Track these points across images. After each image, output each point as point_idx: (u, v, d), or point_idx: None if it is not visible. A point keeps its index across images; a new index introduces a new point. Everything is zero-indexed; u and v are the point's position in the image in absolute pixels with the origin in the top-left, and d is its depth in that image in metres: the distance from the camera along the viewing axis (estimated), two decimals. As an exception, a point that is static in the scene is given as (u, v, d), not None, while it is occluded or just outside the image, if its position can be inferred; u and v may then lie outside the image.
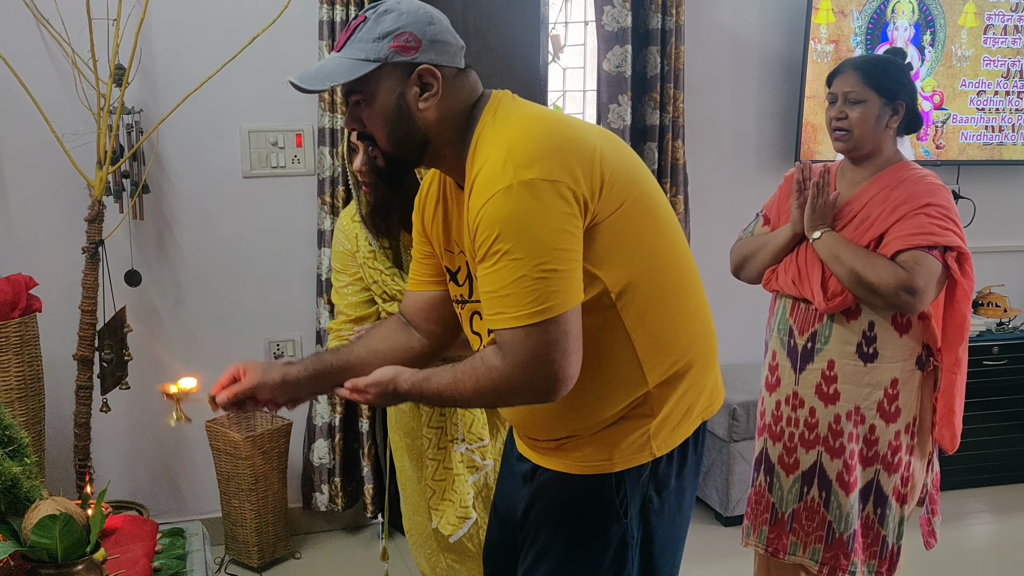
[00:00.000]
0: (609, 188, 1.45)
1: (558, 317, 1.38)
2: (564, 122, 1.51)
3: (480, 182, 1.42)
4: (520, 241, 1.37)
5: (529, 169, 1.38)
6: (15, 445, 1.72)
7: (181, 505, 3.47)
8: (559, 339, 1.39)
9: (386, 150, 1.53)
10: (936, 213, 2.23)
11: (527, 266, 1.37)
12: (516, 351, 1.40)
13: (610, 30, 3.55)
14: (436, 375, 1.50)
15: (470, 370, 1.46)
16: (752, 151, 4.01)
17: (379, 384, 1.52)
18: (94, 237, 3.00)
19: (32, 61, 3.05)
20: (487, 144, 1.46)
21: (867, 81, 2.31)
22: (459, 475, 2.14)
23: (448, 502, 2.15)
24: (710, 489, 3.71)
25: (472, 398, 1.48)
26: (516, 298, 1.38)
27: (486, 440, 2.12)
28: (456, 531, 2.13)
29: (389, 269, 2.13)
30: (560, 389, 1.42)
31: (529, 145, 1.41)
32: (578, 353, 1.42)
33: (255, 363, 1.64)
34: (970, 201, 4.15)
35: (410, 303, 1.79)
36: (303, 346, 3.52)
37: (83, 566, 1.53)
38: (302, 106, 3.29)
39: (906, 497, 2.37)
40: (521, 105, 1.54)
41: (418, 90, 1.48)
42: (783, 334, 2.43)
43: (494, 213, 1.38)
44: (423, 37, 1.47)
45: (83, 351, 3.02)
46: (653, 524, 1.62)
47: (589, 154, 1.44)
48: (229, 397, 1.61)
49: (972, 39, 4.03)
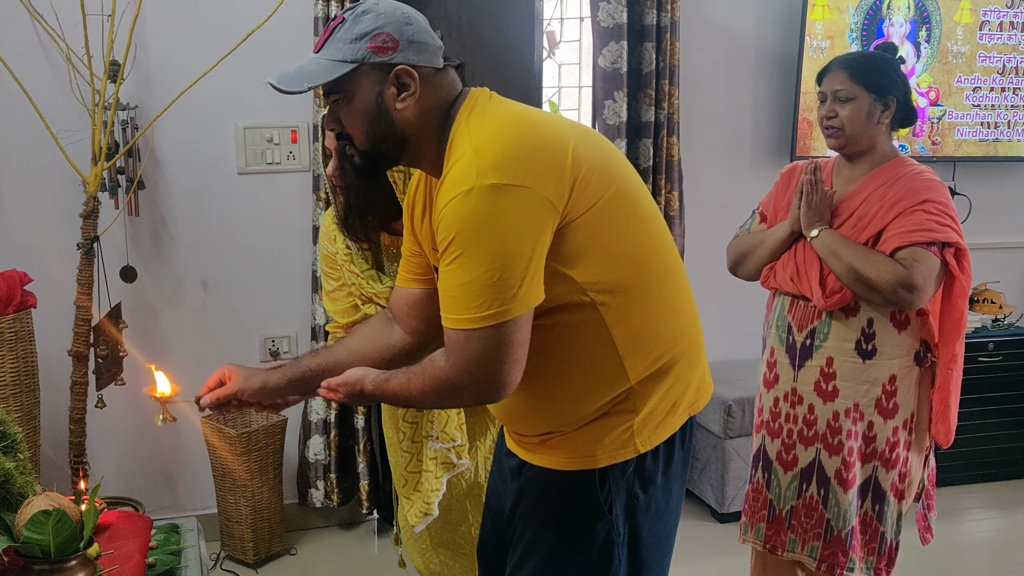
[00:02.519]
0: (582, 188, 1.45)
1: (501, 324, 1.40)
2: (537, 122, 1.51)
3: (447, 181, 1.44)
4: (475, 245, 1.38)
5: (493, 172, 1.39)
6: (9, 441, 1.72)
7: (176, 501, 3.47)
8: (499, 346, 1.41)
9: (364, 148, 1.54)
10: (934, 209, 2.23)
11: (478, 270, 1.38)
12: (458, 353, 1.43)
13: (605, 26, 3.55)
14: (394, 376, 1.54)
15: (420, 371, 1.50)
16: (747, 147, 4.01)
17: (347, 384, 1.58)
18: (89, 233, 3.00)
19: (26, 57, 3.05)
20: (459, 144, 1.47)
21: (855, 78, 2.31)
22: (428, 471, 2.15)
23: (418, 493, 2.18)
24: (705, 486, 3.71)
25: (421, 398, 1.52)
26: (464, 300, 1.40)
27: (459, 440, 2.13)
28: (419, 524, 2.17)
29: (365, 272, 2.12)
30: (499, 394, 1.46)
31: (495, 147, 1.42)
32: (520, 361, 1.45)
33: (240, 368, 1.71)
34: (966, 198, 4.15)
35: (396, 299, 1.80)
36: (298, 342, 3.51)
37: (76, 562, 1.53)
38: (297, 103, 3.28)
39: (904, 493, 2.37)
40: (496, 104, 1.54)
41: (395, 90, 1.49)
42: (781, 331, 2.43)
43: (453, 214, 1.39)
44: (400, 37, 1.48)
45: (78, 347, 3.02)
46: (640, 521, 1.62)
47: (559, 156, 1.44)
48: (212, 400, 1.69)
49: (968, 35, 4.03)
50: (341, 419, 3.48)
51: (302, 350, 3.52)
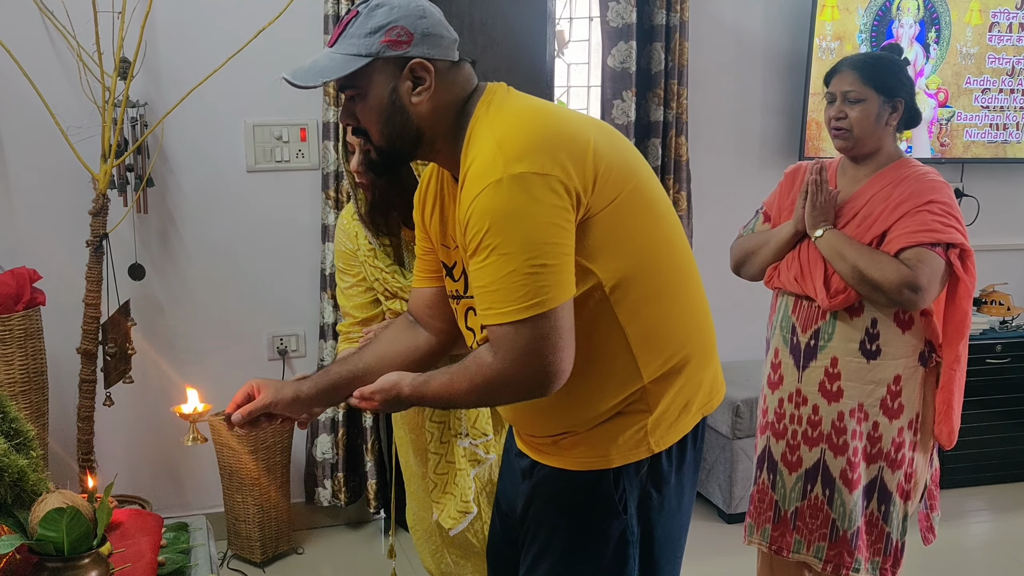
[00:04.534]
0: (603, 182, 1.44)
1: (548, 312, 1.38)
2: (557, 115, 1.50)
3: (471, 175, 1.42)
4: (510, 236, 1.37)
5: (520, 163, 1.37)
6: (21, 438, 1.71)
7: (183, 500, 3.47)
8: (550, 334, 1.39)
9: (379, 144, 1.53)
10: (939, 210, 2.23)
11: (517, 261, 1.37)
12: (507, 347, 1.40)
13: (615, 26, 3.55)
14: (434, 377, 1.51)
15: (464, 369, 1.47)
16: (756, 148, 4.01)
17: (383, 391, 1.54)
18: (98, 231, 3.00)
19: (37, 54, 3.05)
20: (479, 137, 1.45)
21: (866, 80, 2.30)
22: (461, 469, 2.13)
23: (449, 495, 2.15)
24: (713, 486, 3.71)
25: (468, 397, 1.48)
26: (506, 293, 1.38)
27: (490, 435, 2.12)
28: (457, 525, 2.13)
29: (389, 267, 2.12)
30: (553, 384, 1.43)
31: (520, 138, 1.41)
32: (570, 348, 1.42)
33: (268, 381, 1.66)
34: (974, 199, 4.14)
35: (415, 300, 1.79)
36: (307, 341, 3.51)
37: (89, 559, 1.53)
38: (306, 100, 3.29)
39: (909, 493, 2.37)
40: (515, 97, 1.53)
41: (411, 84, 1.48)
42: (785, 331, 2.42)
43: (484, 207, 1.38)
44: (415, 31, 1.47)
45: (87, 345, 3.02)
46: (653, 521, 1.61)
47: (582, 147, 1.43)
48: (244, 415, 1.62)
49: (977, 36, 4.02)
50: (349, 418, 3.48)
51: (311, 349, 3.52)
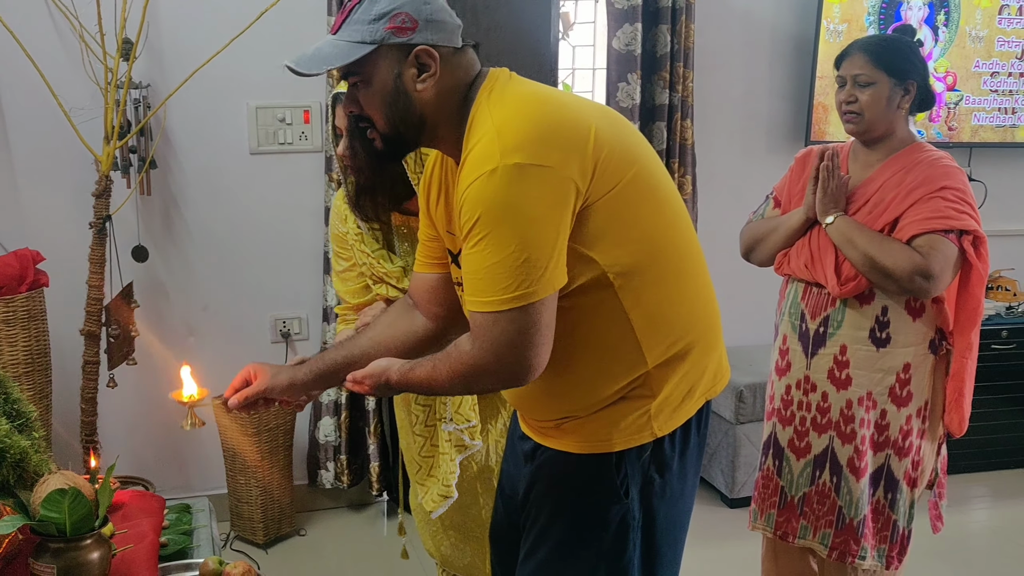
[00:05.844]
0: (603, 169, 1.43)
1: (528, 306, 1.38)
2: (558, 102, 1.49)
3: (469, 162, 1.41)
4: (499, 226, 1.37)
5: (516, 152, 1.37)
6: (23, 419, 1.72)
7: (186, 481, 3.48)
8: (528, 328, 1.40)
9: (384, 131, 1.52)
10: (952, 196, 2.20)
11: (504, 252, 1.37)
12: (485, 336, 1.42)
13: (620, 8, 3.52)
14: (419, 364, 1.53)
15: (445, 357, 1.49)
16: (762, 131, 3.98)
17: (373, 376, 1.57)
18: (101, 212, 2.99)
19: (39, 35, 3.03)
20: (480, 124, 1.44)
21: (877, 63, 2.27)
22: (444, 454, 2.14)
23: (433, 479, 2.17)
24: (716, 471, 3.71)
25: (448, 384, 1.50)
26: (490, 282, 1.39)
27: (473, 421, 2.12)
28: (437, 508, 2.15)
29: (375, 251, 2.11)
30: (527, 376, 1.44)
31: (518, 127, 1.40)
32: (547, 344, 1.43)
33: (265, 366, 1.69)
34: (982, 184, 4.11)
35: (415, 285, 1.79)
36: (309, 323, 3.51)
37: (91, 540, 1.53)
38: (310, 82, 3.27)
39: (916, 481, 2.36)
40: (516, 84, 1.52)
41: (415, 71, 1.47)
42: (794, 318, 2.41)
43: (478, 195, 1.38)
44: (419, 17, 1.45)
45: (90, 326, 3.02)
46: (655, 506, 1.61)
47: (582, 136, 1.42)
48: (240, 400, 1.66)
49: (987, 19, 3.99)
50: (352, 400, 3.48)
51: (313, 331, 3.52)
